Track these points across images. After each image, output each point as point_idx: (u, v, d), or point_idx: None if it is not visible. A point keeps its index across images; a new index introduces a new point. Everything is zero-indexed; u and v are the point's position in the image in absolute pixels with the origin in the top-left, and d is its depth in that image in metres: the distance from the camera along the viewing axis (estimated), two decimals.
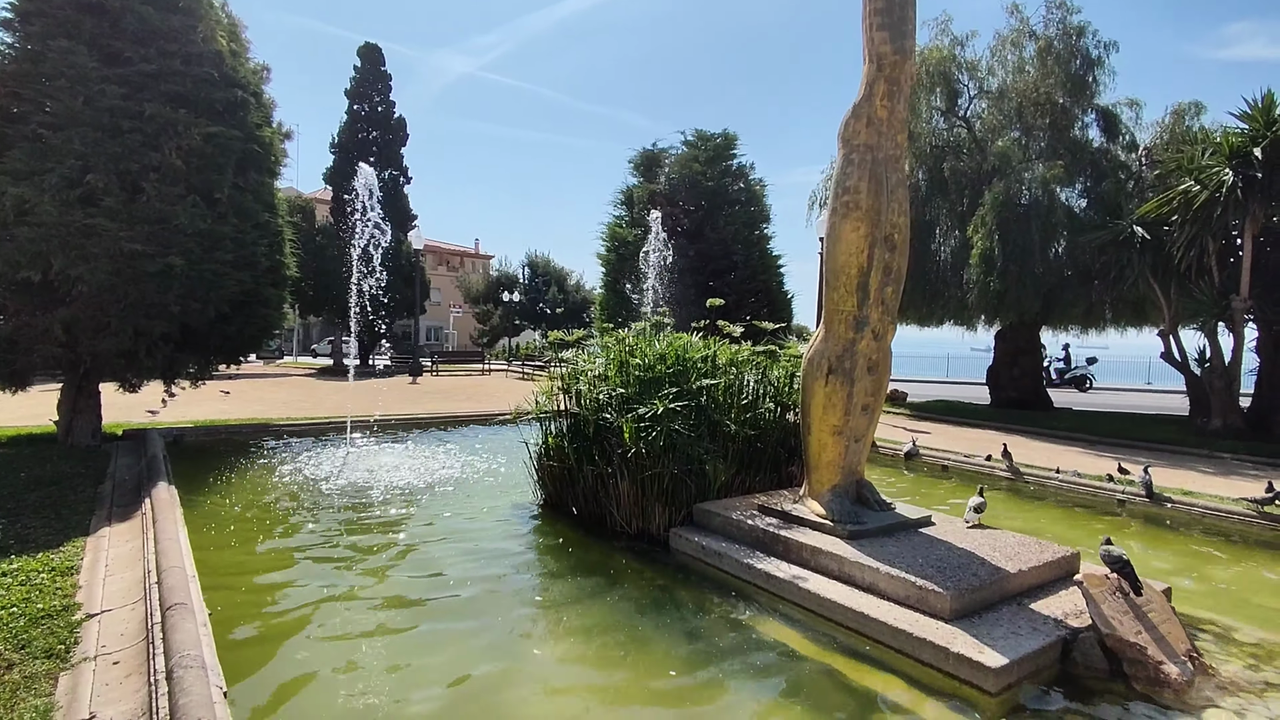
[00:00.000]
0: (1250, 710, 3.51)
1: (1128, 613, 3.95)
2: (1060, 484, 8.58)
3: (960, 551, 4.74)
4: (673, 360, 6.23)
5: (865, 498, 5.53)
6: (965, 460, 9.88)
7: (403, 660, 3.86)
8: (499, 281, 43.53)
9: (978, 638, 3.82)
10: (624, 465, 5.86)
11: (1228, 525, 7.13)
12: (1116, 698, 3.65)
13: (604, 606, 4.69)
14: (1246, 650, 4.19)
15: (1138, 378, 31.27)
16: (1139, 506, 7.69)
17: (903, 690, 3.68)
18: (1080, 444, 12.37)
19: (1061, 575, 4.75)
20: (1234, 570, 5.94)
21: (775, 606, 4.67)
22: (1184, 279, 13.29)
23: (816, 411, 5.38)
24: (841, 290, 5.23)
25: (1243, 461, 10.79)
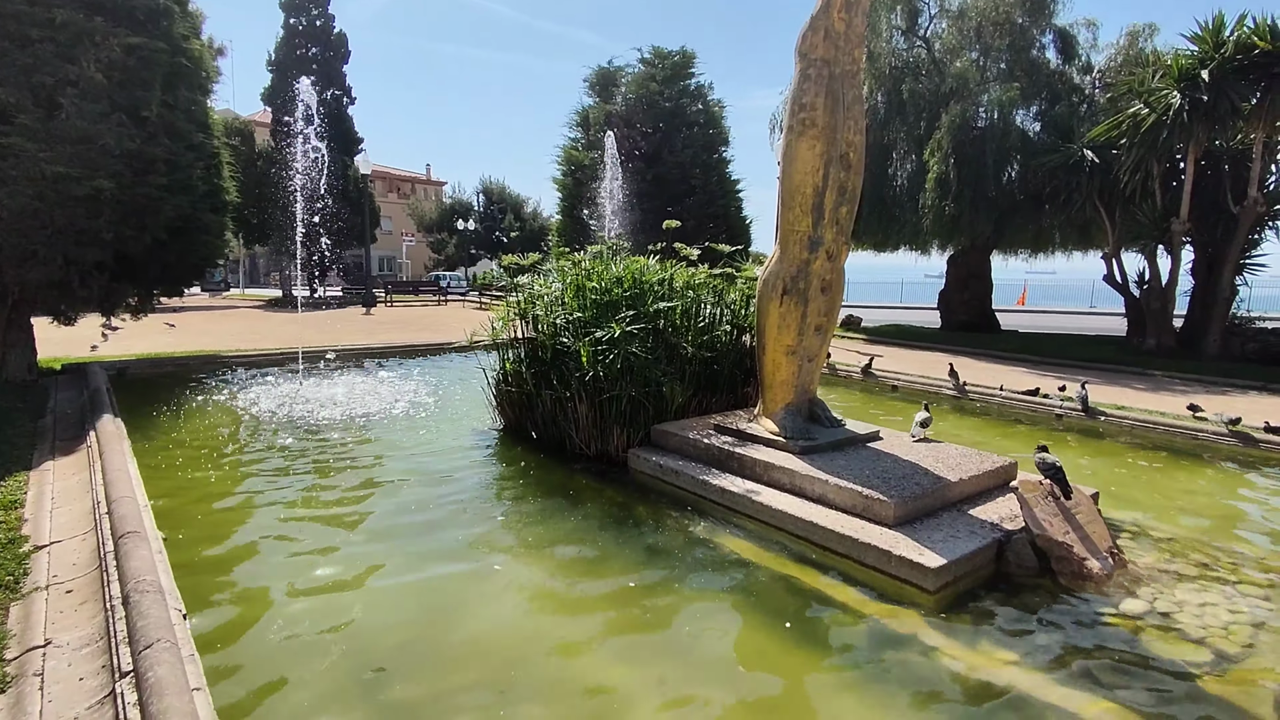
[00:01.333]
0: (1160, 597, 3.82)
1: (1058, 515, 4.21)
2: (1003, 400, 8.95)
3: (905, 463, 4.95)
4: (630, 284, 6.20)
5: (817, 415, 5.69)
6: (915, 380, 10.20)
7: (364, 579, 3.92)
8: (453, 209, 42.32)
9: (919, 541, 4.03)
10: (582, 389, 5.89)
11: (1154, 436, 7.57)
12: (1044, 592, 3.92)
13: (565, 524, 4.79)
14: (1161, 546, 4.52)
15: (1082, 301, 32.35)
16: (1075, 420, 8.09)
17: (848, 591, 3.90)
18: (1025, 364, 12.83)
19: (999, 483, 5.02)
20: (1156, 476, 6.35)
21: (730, 519, 4.85)
22: (1129, 203, 13.60)
23: (771, 332, 5.45)
24: (796, 210, 5.22)
25: (1172, 378, 11.36)
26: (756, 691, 3.04)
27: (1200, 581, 4.03)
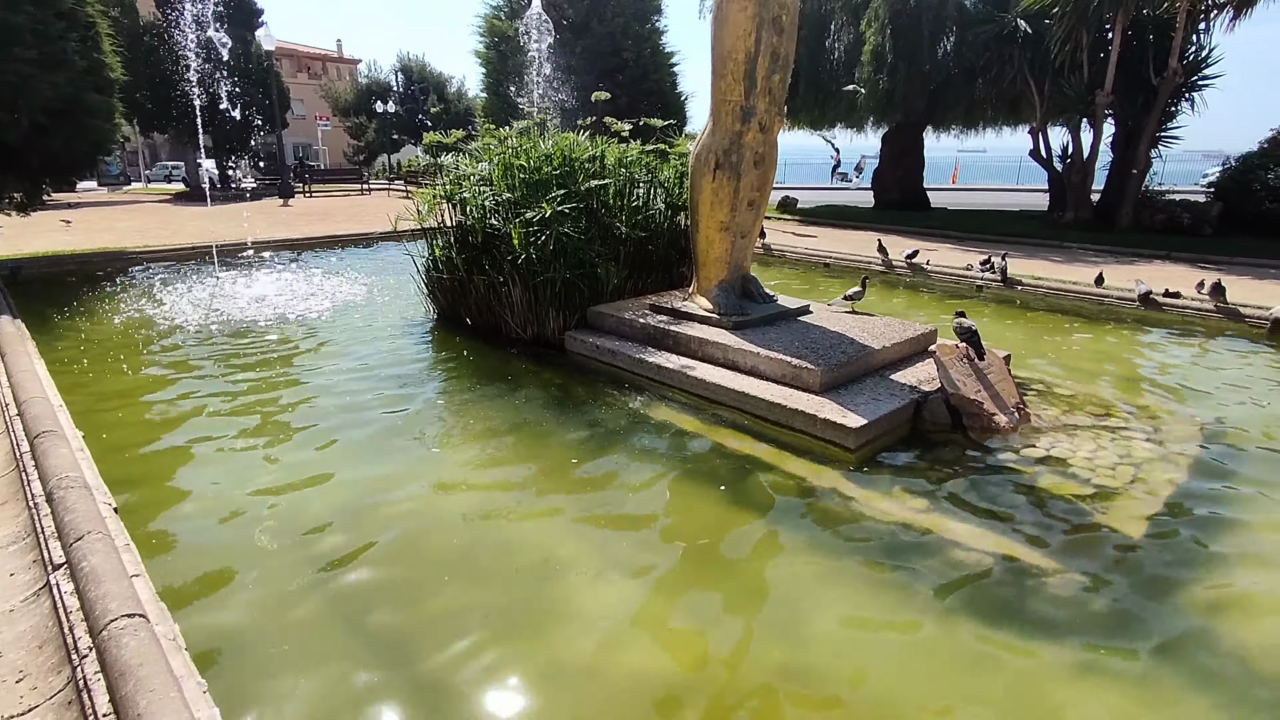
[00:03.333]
0: (1058, 445, 4.17)
1: (971, 375, 4.47)
2: (930, 274, 9.25)
3: (832, 334, 5.12)
4: (559, 161, 5.99)
5: (750, 291, 5.77)
6: (845, 257, 10.41)
7: (296, 471, 3.90)
8: (370, 90, 39.30)
9: (843, 405, 4.25)
10: (515, 272, 5.79)
11: (1065, 303, 8.02)
12: (956, 445, 4.23)
13: (504, 407, 4.84)
14: (1062, 400, 4.89)
15: (1010, 179, 33.00)
16: (994, 290, 8.47)
17: (778, 454, 4.11)
18: (951, 239, 13.20)
19: (920, 350, 5.27)
20: (1065, 339, 6.78)
21: (666, 395, 4.98)
22: (1058, 75, 13.65)
23: (704, 208, 5.40)
24: (729, 78, 5.05)
25: (1086, 250, 11.90)
26: (696, 549, 3.24)
27: (1094, 430, 4.41)
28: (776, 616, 2.80)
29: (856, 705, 2.35)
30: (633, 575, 3.01)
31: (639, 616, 2.75)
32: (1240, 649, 2.60)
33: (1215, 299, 7.27)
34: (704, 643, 2.63)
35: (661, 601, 2.85)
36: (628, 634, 2.65)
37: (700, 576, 3.03)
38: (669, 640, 2.63)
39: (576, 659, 2.51)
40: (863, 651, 2.60)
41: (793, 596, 2.92)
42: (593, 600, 2.85)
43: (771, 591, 2.96)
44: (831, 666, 2.51)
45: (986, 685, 2.44)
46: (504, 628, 2.67)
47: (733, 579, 3.04)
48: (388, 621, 2.70)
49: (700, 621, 2.74)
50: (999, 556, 3.15)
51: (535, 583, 2.95)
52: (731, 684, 2.43)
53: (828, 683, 2.44)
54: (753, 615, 2.80)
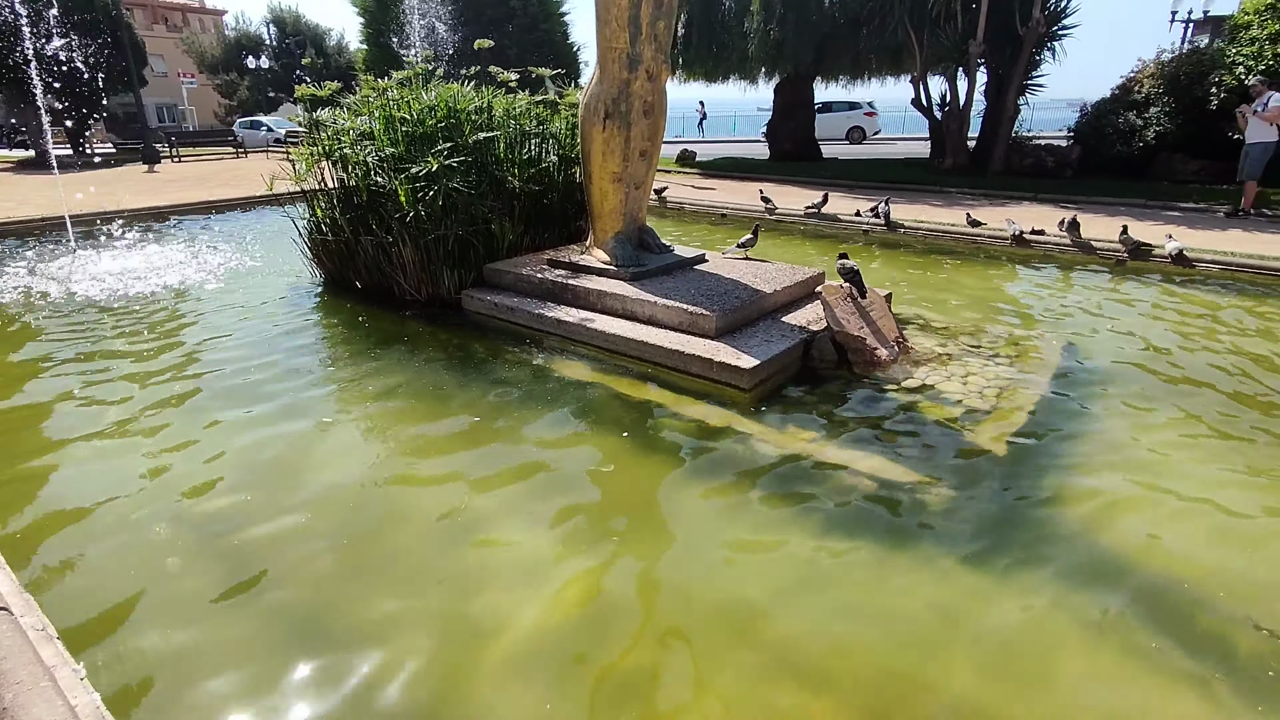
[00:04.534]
0: (933, 374, 4.48)
1: (855, 314, 4.71)
2: (819, 222, 9.58)
3: (727, 281, 5.25)
4: (444, 113, 5.77)
5: (647, 243, 5.82)
6: (742, 208, 10.61)
7: (188, 449, 3.70)
8: (239, 44, 36.29)
9: (737, 348, 4.40)
10: (405, 232, 5.59)
11: (943, 243, 8.51)
12: (842, 380, 4.47)
13: (401, 370, 4.72)
14: (938, 333, 5.23)
15: (896, 129, 34.27)
16: (879, 234, 8.88)
17: (677, 398, 4.23)
18: (842, 188, 13.66)
19: (808, 292, 5.49)
20: (942, 277, 7.22)
21: (568, 348, 4.99)
22: (935, 25, 14.19)
23: (596, 159, 5.36)
24: (613, 24, 4.98)
25: (963, 194, 12.60)
26: (603, 495, 3.31)
27: (965, 359, 4.75)
28: (681, 551, 2.91)
29: (757, 626, 2.50)
30: (542, 525, 3.05)
31: (549, 565, 2.80)
32: (1095, 545, 2.93)
33: (1071, 235, 7.91)
34: (614, 583, 2.71)
35: (571, 548, 2.90)
36: (540, 582, 2.70)
37: (607, 520, 3.11)
38: (579, 584, 2.70)
39: (492, 612, 2.54)
40: (761, 575, 2.75)
41: (696, 531, 3.04)
42: (504, 553, 2.88)
43: (676, 528, 3.08)
44: (736, 594, 2.66)
45: (873, 594, 2.65)
46: (415, 590, 2.66)
47: (640, 519, 3.13)
48: (292, 597, 2.63)
49: (609, 563, 2.82)
50: (881, 478, 3.38)
51: (445, 543, 2.94)
52: (643, 618, 2.53)
53: (731, 609, 2.58)
54: (660, 552, 2.91)
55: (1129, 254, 7.55)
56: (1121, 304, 6.30)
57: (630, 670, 2.29)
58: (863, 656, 2.34)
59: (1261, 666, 2.28)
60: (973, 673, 2.27)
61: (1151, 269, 7.41)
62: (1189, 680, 2.23)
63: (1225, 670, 2.26)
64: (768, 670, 2.29)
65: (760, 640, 2.41)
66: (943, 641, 2.40)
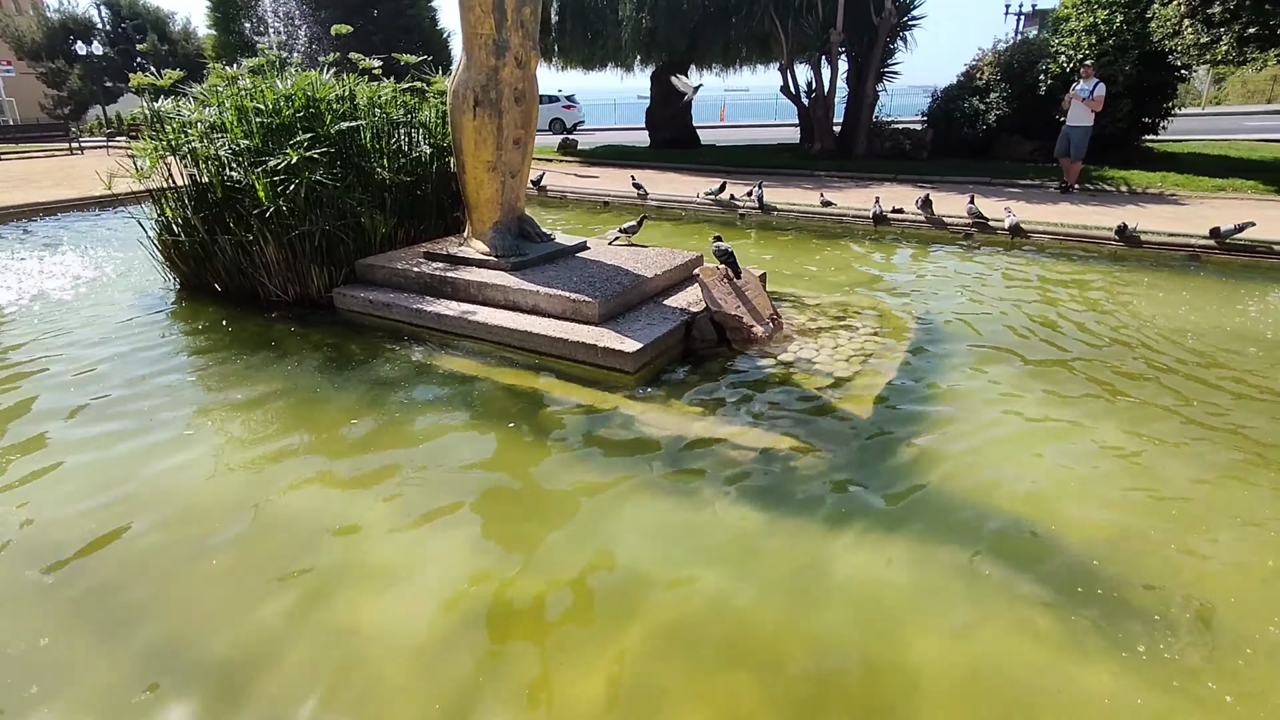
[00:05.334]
0: (805, 347, 4.73)
1: (731, 294, 4.89)
2: (698, 207, 9.83)
3: (609, 267, 5.31)
4: (302, 103, 5.46)
5: (527, 232, 5.77)
6: (624, 195, 10.71)
7: (46, 476, 3.36)
8: (66, 28, 32.62)
9: (621, 333, 4.46)
10: (265, 229, 5.27)
11: (814, 224, 8.94)
12: (722, 358, 4.63)
13: (272, 376, 4.47)
14: (809, 309, 5.52)
15: (770, 115, 35.51)
16: (755, 217, 9.22)
17: (563, 386, 4.25)
18: (719, 174, 14.03)
19: (688, 275, 5.63)
20: (813, 255, 7.60)
21: (449, 343, 4.89)
22: (798, 14, 14.80)
23: (469, 148, 5.26)
24: (477, 10, 4.88)
25: (832, 176, 13.27)
26: (492, 488, 3.27)
27: (834, 331, 5.04)
28: (573, 533, 2.94)
29: (648, 601, 2.57)
30: (431, 525, 2.99)
31: (440, 561, 2.76)
32: (954, 496, 3.20)
33: (925, 213, 8.53)
34: (506, 571, 2.70)
35: (461, 542, 2.87)
36: (431, 580, 2.66)
37: (498, 513, 3.09)
38: (471, 580, 2.67)
39: (382, 618, 2.48)
40: (651, 551, 2.83)
41: (587, 513, 3.08)
42: (392, 556, 2.80)
43: (567, 512, 3.10)
44: (627, 571, 2.72)
45: (760, 559, 2.78)
46: (296, 601, 2.55)
47: (530, 507, 3.13)
48: (155, 630, 2.46)
49: (501, 552, 2.81)
50: (761, 449, 3.54)
51: (327, 550, 2.83)
52: (534, 604, 2.54)
53: (622, 587, 2.64)
54: (551, 536, 2.92)
55: (975, 228, 8.23)
56: (970, 273, 6.87)
57: (520, 655, 2.30)
58: (756, 625, 2.46)
59: (1108, 599, 2.58)
60: (856, 627, 2.45)
61: (995, 241, 8.11)
62: (1045, 612, 2.50)
63: (1078, 605, 2.55)
64: (658, 644, 2.36)
65: (652, 615, 2.49)
66: (825, 599, 2.56)
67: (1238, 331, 5.15)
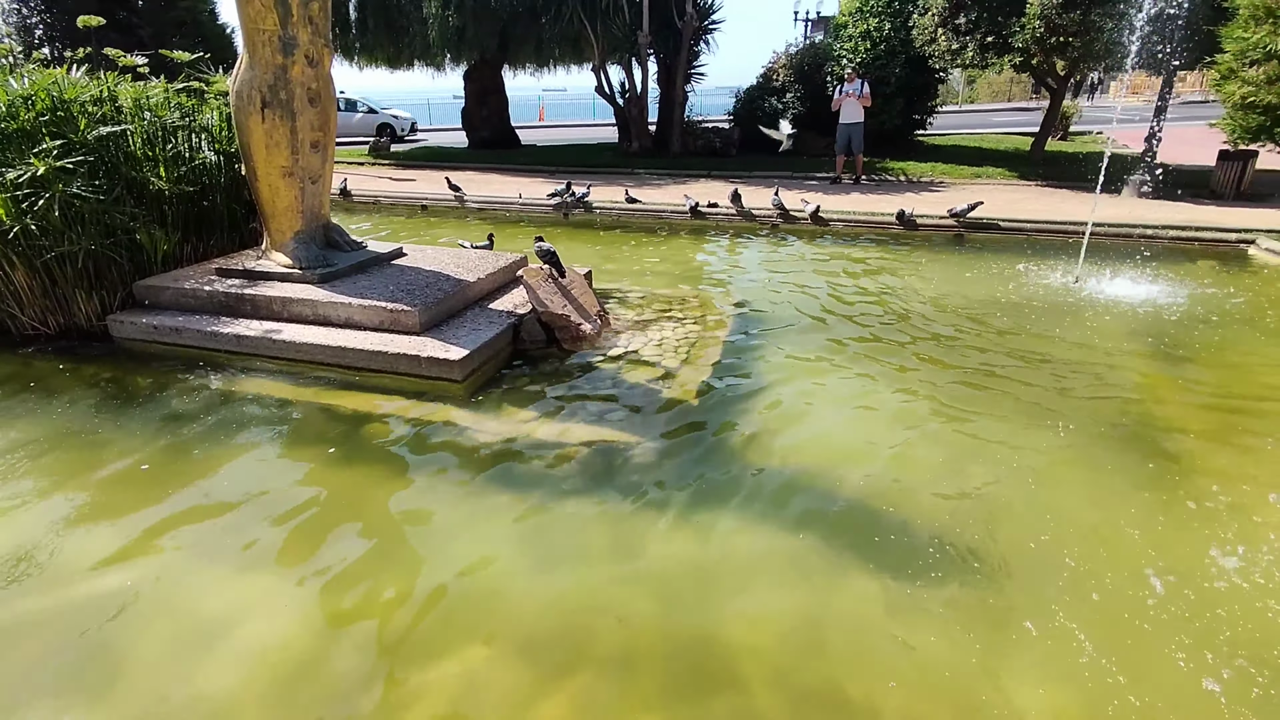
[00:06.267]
0: (634, 340, 4.86)
1: (557, 293, 4.90)
2: (521, 208, 9.75)
3: (428, 273, 5.12)
4: (46, 105, 4.73)
5: (335, 241, 5.42)
6: (443, 198, 10.39)
7: None
8: None
9: (445, 340, 4.33)
10: (10, 252, 4.52)
11: (635, 220, 9.19)
12: (553, 358, 4.64)
13: (34, 421, 3.85)
14: (634, 304, 5.67)
15: (588, 115, 35.95)
16: (578, 215, 9.31)
17: (388, 401, 4.04)
18: (542, 174, 14.02)
19: (513, 277, 5.57)
20: (636, 251, 7.81)
21: (252, 366, 4.48)
22: (606, 16, 15.10)
23: (259, 152, 4.83)
24: (257, 4, 4.49)
25: (651, 174, 13.70)
26: (317, 517, 3.04)
27: (660, 323, 5.22)
28: (412, 553, 2.82)
29: (495, 611, 2.52)
30: (245, 568, 2.73)
31: (260, 612, 2.53)
32: (778, 471, 3.42)
33: (736, 206, 9.07)
34: (343, 604, 2.53)
35: (283, 586, 2.64)
36: (253, 635, 2.42)
37: (323, 546, 2.88)
38: (297, 625, 2.47)
39: (198, 683, 2.22)
40: (495, 559, 2.77)
41: (423, 531, 2.96)
42: (202, 610, 2.52)
43: (402, 532, 2.96)
44: (473, 583, 2.65)
45: (604, 554, 2.82)
46: (101, 681, 2.22)
47: (361, 536, 2.95)
48: None
49: (330, 592, 2.63)
50: (595, 443, 3.59)
51: (124, 617, 2.49)
52: (378, 632, 2.40)
53: (469, 598, 2.57)
54: (388, 560, 2.77)
55: (781, 218, 8.88)
56: (779, 260, 7.40)
57: (365, 677, 2.18)
58: (608, 623, 2.49)
59: (920, 554, 2.88)
60: (677, 605, 2.55)
61: (799, 230, 8.79)
62: (863, 571, 2.75)
63: (892, 562, 2.83)
64: (508, 651, 2.33)
65: (500, 624, 2.44)
66: (675, 585, 2.65)
67: (994, 298, 5.96)
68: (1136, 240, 7.76)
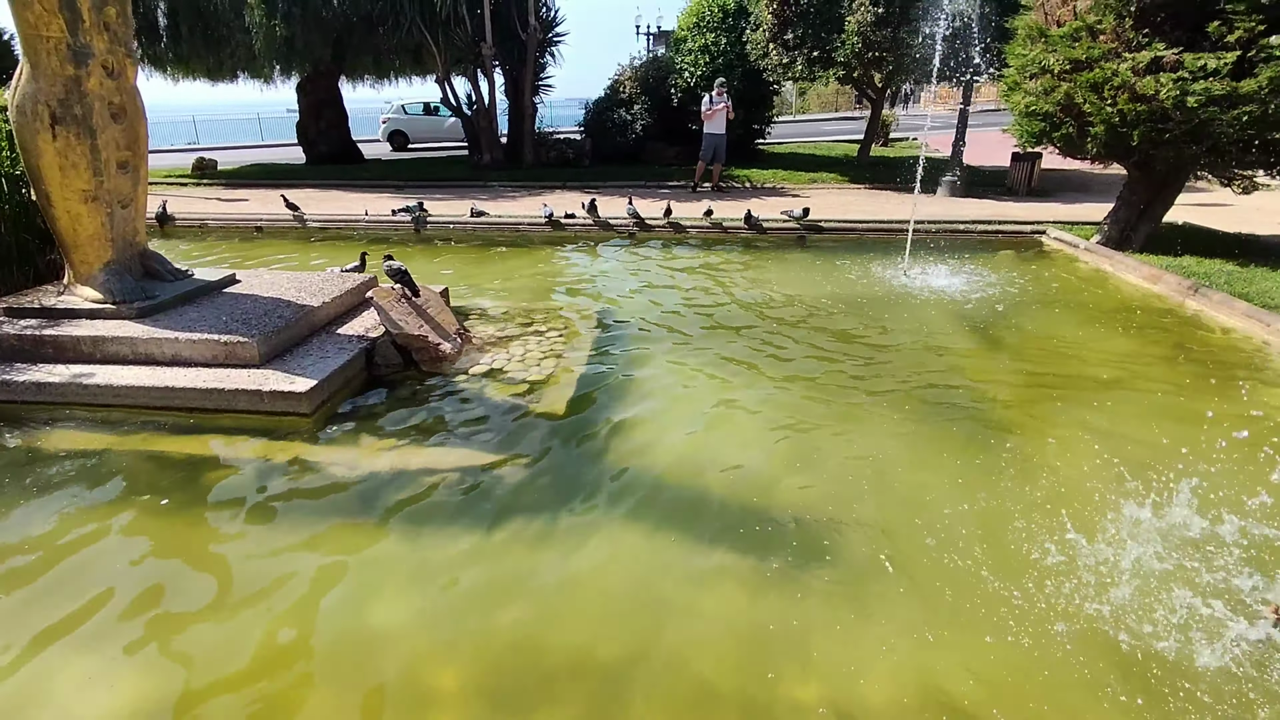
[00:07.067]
0: (497, 357, 4.76)
1: (411, 314, 4.71)
2: (367, 225, 9.30)
3: (266, 300, 4.76)
4: None
5: (155, 270, 4.91)
6: (279, 218, 9.70)
7: None
8: None
9: (289, 372, 4.03)
10: None
11: (492, 235, 9.03)
12: (411, 381, 4.44)
13: None
14: (496, 320, 5.56)
15: None
16: (430, 231, 9.01)
17: (229, 444, 3.71)
18: (389, 190, 13.43)
19: (363, 299, 5.29)
20: (495, 265, 7.67)
21: (60, 416, 3.95)
22: (447, 27, 14.75)
23: (52, 175, 4.28)
24: (37, 7, 3.98)
25: (506, 186, 13.51)
26: (150, 579, 2.72)
27: (523, 338, 5.15)
28: (269, 606, 2.58)
29: (377, 652, 2.36)
30: (59, 647, 2.39)
31: (77, 698, 2.22)
32: (648, 477, 3.46)
33: (593, 215, 9.14)
34: (169, 691, 2.27)
35: (106, 665, 2.34)
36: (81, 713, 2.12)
37: (159, 609, 2.58)
38: (139, 696, 2.19)
39: None
40: (369, 600, 2.61)
41: (283, 580, 2.72)
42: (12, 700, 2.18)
43: (255, 584, 2.71)
44: (350, 625, 2.47)
45: (478, 583, 2.72)
46: None
47: (200, 596, 2.66)
48: None
49: (162, 667, 2.35)
50: (461, 467, 3.48)
51: None
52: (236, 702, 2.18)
53: (347, 642, 2.39)
54: (232, 625, 2.52)
55: (637, 226, 9.06)
56: (637, 267, 7.54)
57: None
58: (482, 651, 2.41)
59: (787, 543, 3.01)
60: (597, 623, 2.53)
61: (655, 236, 9.00)
62: (731, 571, 2.83)
63: (759, 552, 2.93)
64: (396, 691, 2.20)
65: (386, 664, 2.30)
66: (561, 604, 2.60)
67: (835, 293, 6.40)
68: (952, 234, 8.63)
